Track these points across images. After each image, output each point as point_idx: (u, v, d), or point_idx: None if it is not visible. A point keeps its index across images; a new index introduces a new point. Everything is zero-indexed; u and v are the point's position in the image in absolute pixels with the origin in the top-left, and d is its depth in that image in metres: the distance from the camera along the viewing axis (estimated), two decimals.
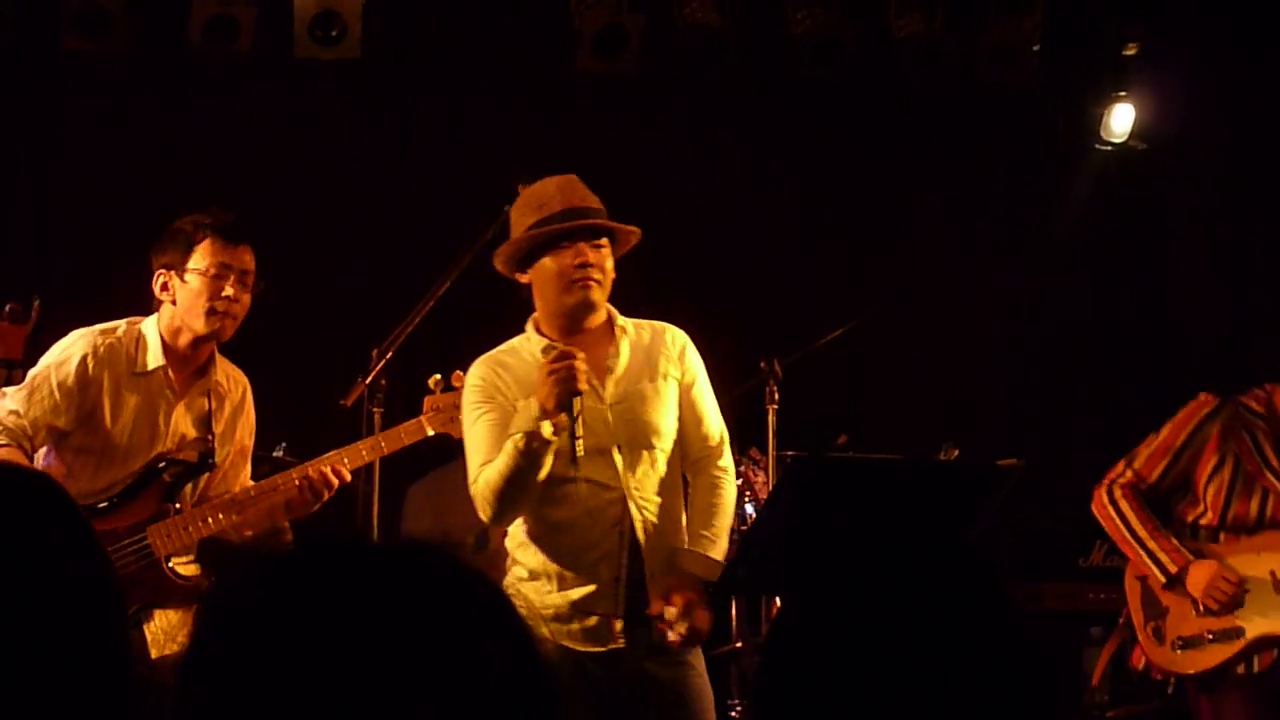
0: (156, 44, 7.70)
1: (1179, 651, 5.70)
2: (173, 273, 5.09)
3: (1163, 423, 5.93)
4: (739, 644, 6.67)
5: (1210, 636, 5.65)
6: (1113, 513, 5.84)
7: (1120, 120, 8.29)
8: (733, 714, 6.56)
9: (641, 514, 4.79)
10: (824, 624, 1.86)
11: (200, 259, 5.09)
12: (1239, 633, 5.65)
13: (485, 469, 4.74)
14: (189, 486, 5.17)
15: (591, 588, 4.79)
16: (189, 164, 7.82)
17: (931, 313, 8.39)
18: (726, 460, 5.00)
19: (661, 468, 4.85)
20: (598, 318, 4.86)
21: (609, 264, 4.84)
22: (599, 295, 4.81)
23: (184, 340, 5.15)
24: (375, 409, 5.44)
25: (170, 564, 5.04)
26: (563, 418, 4.62)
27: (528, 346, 4.88)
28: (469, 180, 7.88)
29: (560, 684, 4.68)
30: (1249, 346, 8.39)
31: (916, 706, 1.79)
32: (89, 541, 1.87)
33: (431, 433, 5.26)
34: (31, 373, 5.14)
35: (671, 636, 4.67)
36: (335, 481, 5.15)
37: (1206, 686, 5.67)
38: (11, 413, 5.07)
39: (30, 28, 7.59)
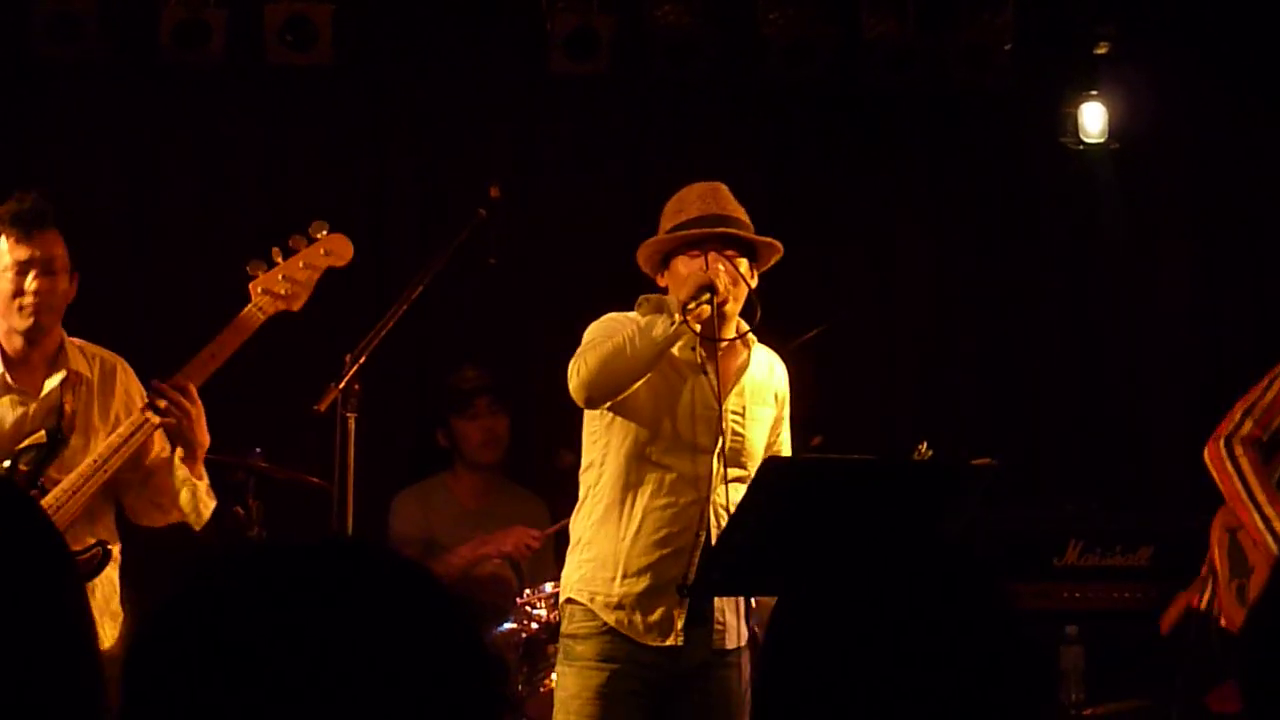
0: (128, 49, 7.67)
1: None
2: None
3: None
4: None
5: None
6: (1231, 469, 5.50)
7: (1093, 119, 8.30)
8: None
9: (719, 523, 4.83)
10: (822, 626, 1.87)
11: (1, 257, 5.03)
12: None
13: (598, 342, 4.80)
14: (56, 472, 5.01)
15: (659, 582, 4.82)
16: (161, 169, 7.80)
17: (906, 313, 8.39)
18: None
19: (741, 487, 4.91)
20: (725, 328, 4.91)
21: (742, 272, 4.92)
22: (728, 306, 4.88)
23: (16, 341, 5.06)
24: (349, 414, 5.42)
25: None
26: (694, 340, 4.78)
27: None
28: (442, 184, 7.87)
29: (617, 679, 4.77)
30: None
31: (920, 701, 1.81)
32: (62, 555, 1.87)
33: (266, 315, 5.14)
34: None
35: None
36: (172, 398, 4.94)
37: None
38: None
39: (1, 35, 7.56)
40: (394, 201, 8.01)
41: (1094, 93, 8.29)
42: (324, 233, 5.21)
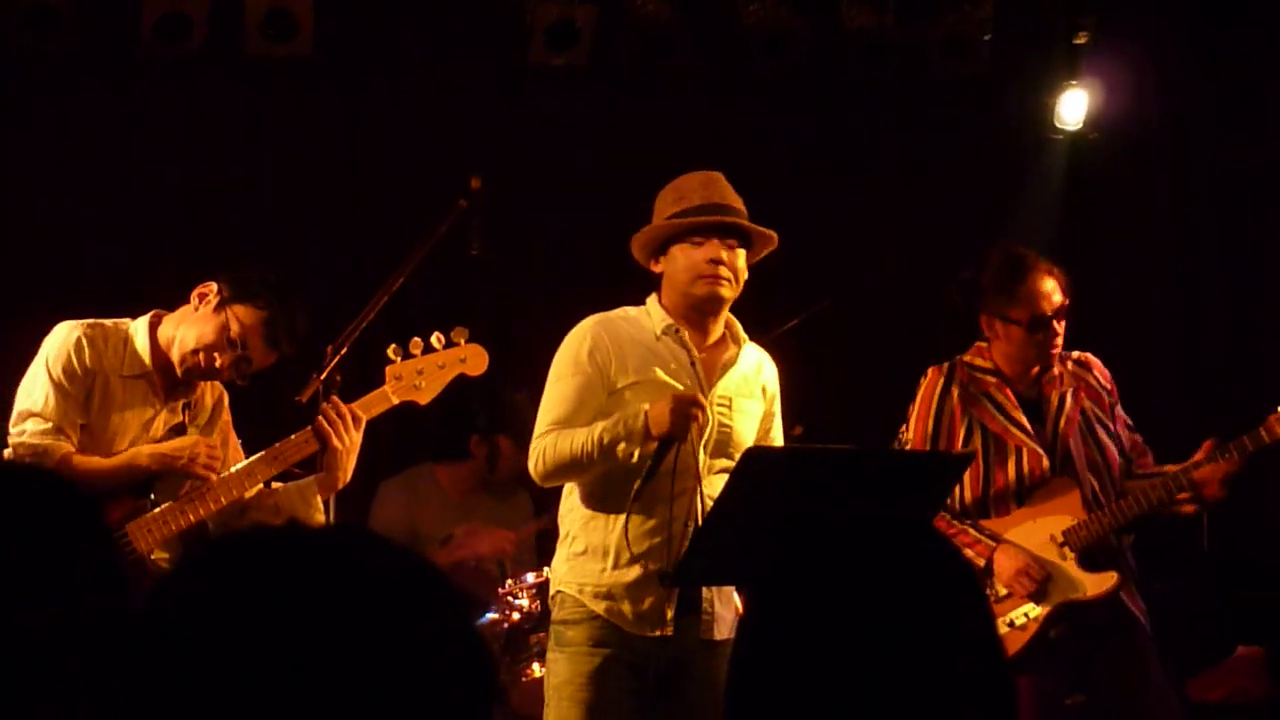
0: (107, 41, 7.66)
1: None
2: (221, 300, 5.06)
3: None
4: None
5: (1008, 625, 5.56)
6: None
7: (1072, 109, 8.32)
8: None
9: (706, 513, 4.85)
10: (793, 614, 1.88)
11: (234, 323, 5.04)
12: (1032, 613, 5.56)
13: (560, 433, 4.84)
14: (178, 485, 5.07)
15: (649, 572, 4.83)
16: (141, 162, 7.79)
17: (885, 302, 8.41)
18: None
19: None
20: (719, 320, 4.98)
21: (740, 264, 4.97)
22: (727, 292, 4.94)
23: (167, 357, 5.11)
24: None
25: (153, 557, 4.96)
26: (653, 446, 4.75)
27: (647, 320, 4.99)
28: (422, 175, 7.87)
29: (609, 664, 4.78)
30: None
31: (893, 689, 1.82)
32: (108, 549, 1.89)
33: (397, 401, 5.22)
34: (33, 377, 5.01)
35: None
36: (347, 421, 5.09)
37: (1018, 669, 5.61)
38: (38, 429, 4.93)
39: None
40: (374, 192, 8.01)
41: (1074, 83, 8.31)
42: (463, 340, 5.28)
